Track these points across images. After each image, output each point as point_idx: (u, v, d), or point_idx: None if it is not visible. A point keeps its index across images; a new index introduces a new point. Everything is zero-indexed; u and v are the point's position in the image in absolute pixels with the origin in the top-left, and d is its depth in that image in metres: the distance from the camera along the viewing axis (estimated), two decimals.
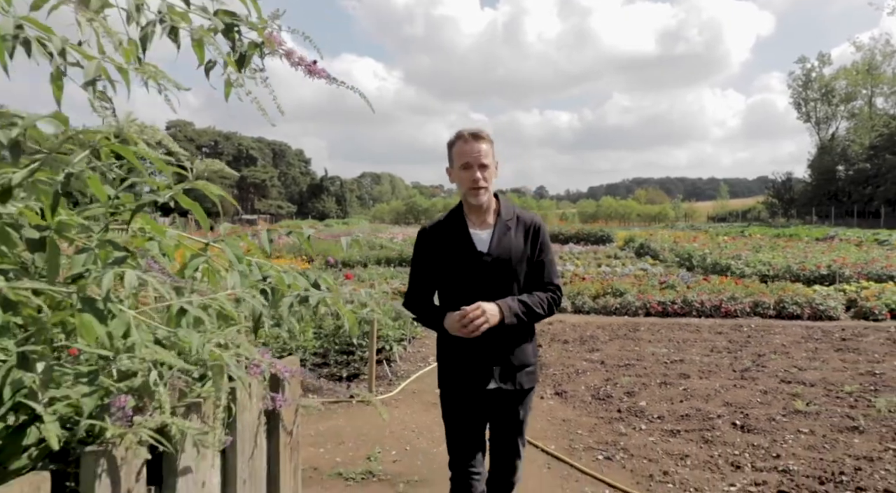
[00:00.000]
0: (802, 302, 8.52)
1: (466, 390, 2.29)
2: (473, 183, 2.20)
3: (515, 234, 2.28)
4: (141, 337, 0.94)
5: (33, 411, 0.91)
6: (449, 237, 2.29)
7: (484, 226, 2.29)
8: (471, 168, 2.20)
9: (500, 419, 2.33)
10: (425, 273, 2.36)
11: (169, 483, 1.00)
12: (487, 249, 2.24)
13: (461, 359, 2.26)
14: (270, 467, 1.32)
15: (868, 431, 4.14)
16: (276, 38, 1.44)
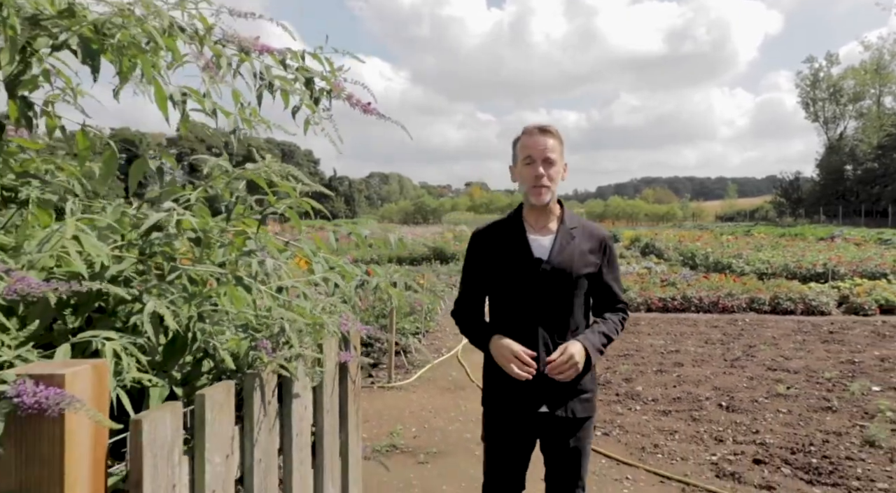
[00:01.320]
0: (796, 298, 8.96)
1: (513, 413, 2.04)
2: (536, 180, 1.99)
3: (579, 243, 2.06)
4: (272, 303, 1.44)
5: (206, 350, 1.41)
6: (504, 242, 2.07)
7: (545, 232, 2.07)
8: (534, 163, 1.99)
9: (554, 452, 2.09)
10: (477, 280, 2.14)
11: (286, 402, 1.49)
12: (547, 256, 2.01)
13: (510, 377, 1.96)
14: (342, 404, 1.81)
15: (840, 410, 4.60)
16: (340, 86, 1.94)
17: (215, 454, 1.20)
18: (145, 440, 1.01)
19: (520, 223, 2.09)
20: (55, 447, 0.90)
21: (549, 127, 2.03)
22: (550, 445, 2.09)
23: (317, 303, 1.50)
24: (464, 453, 4.11)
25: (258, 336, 1.41)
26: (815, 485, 3.44)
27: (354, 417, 1.88)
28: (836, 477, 3.50)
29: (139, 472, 1.01)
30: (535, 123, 2.08)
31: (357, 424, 1.91)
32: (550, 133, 2.02)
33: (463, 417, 4.84)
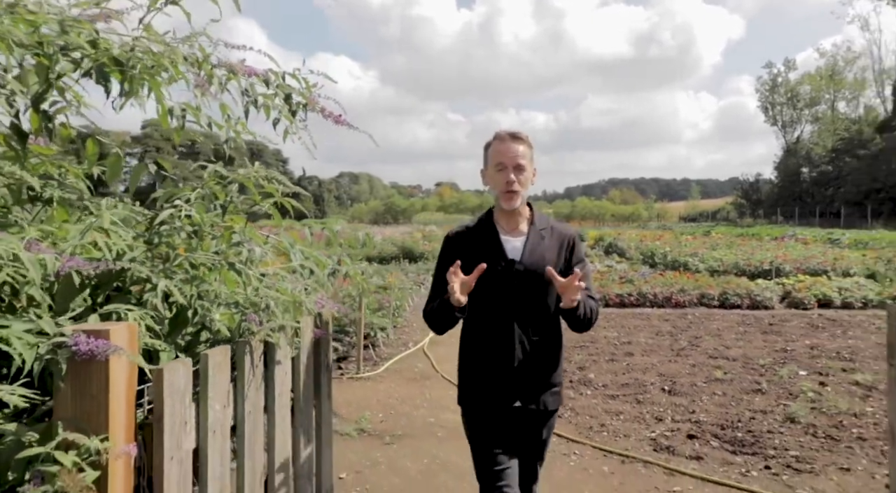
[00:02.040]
0: (743, 294, 9.53)
1: (489, 409, 2.09)
2: (507, 185, 2.06)
3: (549, 243, 2.14)
4: (259, 284, 1.74)
5: (203, 323, 1.70)
6: (478, 244, 2.12)
7: (516, 233, 2.14)
8: (505, 169, 2.07)
9: (522, 442, 2.15)
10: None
11: (270, 367, 1.79)
12: (520, 257, 2.08)
13: (485, 374, 2.08)
14: (316, 375, 2.12)
15: (768, 392, 5.07)
16: (315, 100, 2.24)
17: (216, 403, 1.50)
18: (166, 385, 1.31)
19: (492, 226, 2.15)
20: (102, 385, 1.20)
21: (519, 134, 2.11)
22: (521, 438, 2.14)
23: (297, 284, 1.80)
24: (428, 435, 4.43)
25: (248, 312, 1.71)
26: (737, 454, 3.87)
27: (327, 387, 2.19)
28: (757, 448, 3.93)
29: (161, 409, 1.31)
30: (507, 129, 2.14)
31: (329, 393, 2.22)
32: (521, 140, 2.10)
33: (428, 404, 5.16)
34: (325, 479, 2.17)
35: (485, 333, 2.10)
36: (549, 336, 2.14)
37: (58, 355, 1.17)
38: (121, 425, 1.23)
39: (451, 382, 5.73)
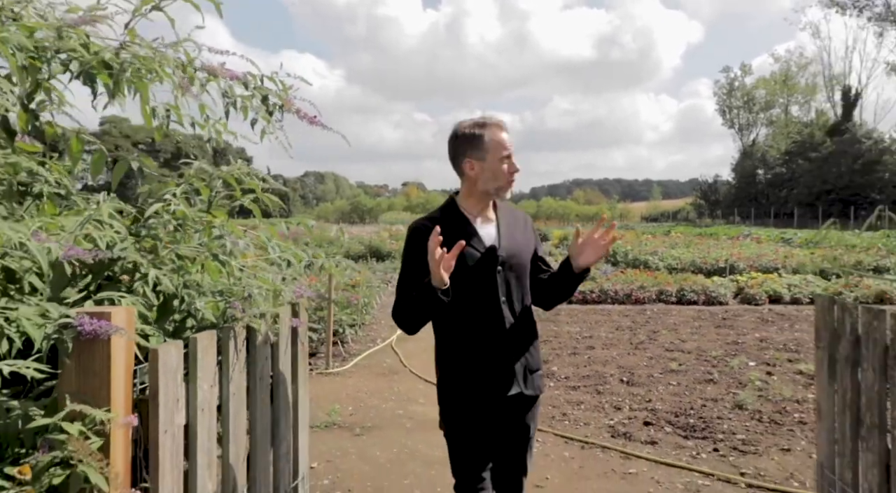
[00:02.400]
0: (699, 290, 9.93)
1: (482, 400, 2.03)
2: (512, 175, 2.07)
3: (516, 226, 2.17)
4: (242, 275, 1.86)
5: (189, 311, 1.81)
6: (451, 234, 1.97)
7: (486, 221, 2.12)
8: (510, 158, 2.05)
9: (511, 431, 2.11)
10: (422, 274, 1.94)
11: (252, 352, 1.91)
12: (499, 243, 2.07)
13: (478, 364, 2.01)
14: (293, 362, 2.24)
15: (719, 382, 5.36)
16: (291, 102, 2.36)
17: (204, 383, 1.61)
18: (161, 364, 1.43)
19: (461, 215, 2.09)
20: (104, 362, 1.31)
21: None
22: (510, 426, 2.10)
23: (276, 276, 1.93)
24: (396, 427, 4.57)
25: (231, 300, 1.83)
26: (689, 439, 4.12)
27: (303, 373, 2.32)
28: (707, 432, 4.19)
29: (156, 386, 1.42)
30: (490, 118, 2.08)
31: (305, 379, 2.35)
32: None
33: (396, 397, 5.30)
34: (301, 460, 2.30)
35: (472, 322, 2.02)
36: (529, 320, 2.15)
37: (63, 335, 1.28)
38: (121, 398, 1.34)
39: (420, 376, 5.88)
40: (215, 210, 2.03)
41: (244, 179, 1.85)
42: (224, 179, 1.85)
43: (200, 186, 1.85)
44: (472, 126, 2.06)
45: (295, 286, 1.95)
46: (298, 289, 1.94)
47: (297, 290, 1.94)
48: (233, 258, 1.88)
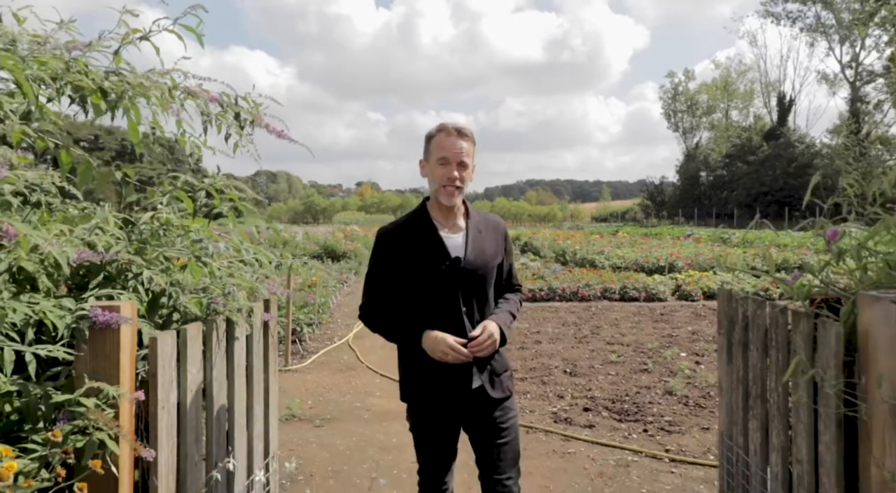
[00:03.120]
0: (640, 288, 10.51)
1: (444, 395, 2.07)
2: (449, 181, 2.03)
3: (486, 237, 2.15)
4: (220, 274, 2.12)
5: (175, 305, 2.05)
6: (417, 242, 2.06)
7: (455, 229, 2.12)
8: (448, 164, 2.03)
9: (487, 432, 2.13)
10: (387, 282, 2.10)
11: (230, 342, 2.16)
12: (464, 254, 2.06)
13: (439, 370, 2.04)
14: (265, 352, 2.50)
15: (653, 371, 5.83)
16: (260, 118, 2.61)
17: (192, 367, 1.87)
18: (160, 350, 1.68)
19: (429, 223, 2.10)
20: (114, 347, 1.56)
21: (465, 130, 2.07)
22: (483, 426, 2.12)
23: (252, 275, 2.19)
24: (354, 418, 4.83)
25: (213, 296, 2.08)
26: (622, 422, 4.53)
27: (273, 363, 2.58)
28: (639, 416, 4.62)
29: (155, 369, 1.68)
30: (453, 123, 2.08)
31: (275, 370, 2.61)
32: (467, 136, 2.06)
33: (353, 391, 5.55)
34: (272, 440, 2.55)
35: (437, 328, 2.02)
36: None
37: (80, 324, 1.52)
38: (128, 378, 1.59)
39: (376, 372, 6.14)
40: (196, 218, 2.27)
41: (224, 189, 2.11)
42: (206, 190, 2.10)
43: (184, 198, 2.10)
44: (431, 130, 2.12)
45: (268, 284, 2.21)
46: (272, 286, 2.21)
47: (270, 286, 2.21)
48: (213, 260, 2.14)
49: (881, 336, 1.58)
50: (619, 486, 3.51)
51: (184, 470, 1.81)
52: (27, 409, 1.52)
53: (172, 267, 2.09)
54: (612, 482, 3.56)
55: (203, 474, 1.93)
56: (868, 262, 1.89)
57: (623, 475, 3.66)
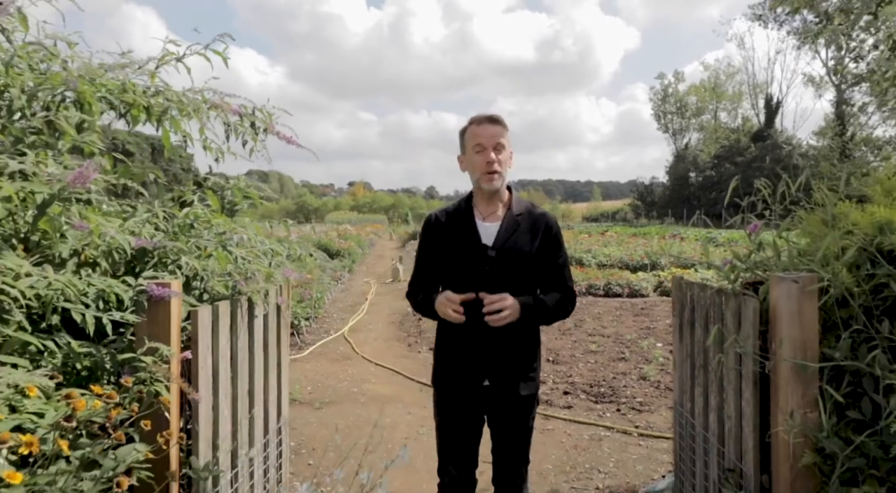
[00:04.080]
0: (624, 284, 10.95)
1: (459, 387, 2.16)
2: (488, 165, 2.05)
3: (525, 229, 2.13)
4: (243, 261, 2.49)
5: (204, 287, 2.42)
6: (454, 227, 2.15)
7: (492, 218, 2.15)
8: (484, 150, 2.06)
9: (498, 428, 2.20)
10: (429, 263, 2.23)
11: (251, 319, 2.54)
12: (493, 242, 2.10)
13: (456, 351, 2.13)
14: (278, 331, 2.87)
15: (630, 359, 6.25)
16: (272, 127, 2.98)
17: (222, 337, 2.25)
18: (200, 320, 2.06)
19: (470, 210, 2.16)
20: (166, 316, 1.93)
21: (495, 116, 2.11)
22: (497, 421, 2.19)
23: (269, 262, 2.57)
24: (352, 402, 5.21)
25: (237, 279, 2.46)
26: (598, 403, 4.94)
27: (285, 340, 2.96)
28: (613, 398, 5.03)
29: (196, 335, 2.05)
30: (483, 112, 2.15)
31: (286, 346, 2.99)
32: (498, 122, 2.10)
33: (350, 378, 5.93)
34: (283, 407, 2.93)
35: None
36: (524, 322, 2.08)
37: (140, 297, 1.90)
38: (176, 341, 1.97)
39: (371, 361, 6.52)
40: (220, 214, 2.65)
41: (245, 190, 2.49)
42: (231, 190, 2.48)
43: (212, 196, 2.47)
44: (463, 126, 2.19)
45: (283, 270, 2.59)
46: (286, 271, 2.59)
47: (285, 272, 2.59)
48: (237, 249, 2.52)
49: (784, 309, 1.99)
50: (591, 456, 3.91)
51: (217, 420, 2.19)
52: (95, 366, 1.89)
53: (201, 254, 2.47)
54: (586, 453, 3.96)
55: (230, 424, 2.31)
56: (781, 250, 2.29)
57: (596, 447, 4.06)
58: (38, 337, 1.67)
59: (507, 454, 2.22)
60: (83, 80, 1.84)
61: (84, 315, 1.72)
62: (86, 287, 1.75)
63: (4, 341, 1.62)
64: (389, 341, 7.55)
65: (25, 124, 1.77)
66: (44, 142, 1.88)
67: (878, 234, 2.01)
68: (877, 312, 1.95)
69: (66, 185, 1.59)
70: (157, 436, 1.72)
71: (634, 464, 3.78)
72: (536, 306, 2.10)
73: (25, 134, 1.79)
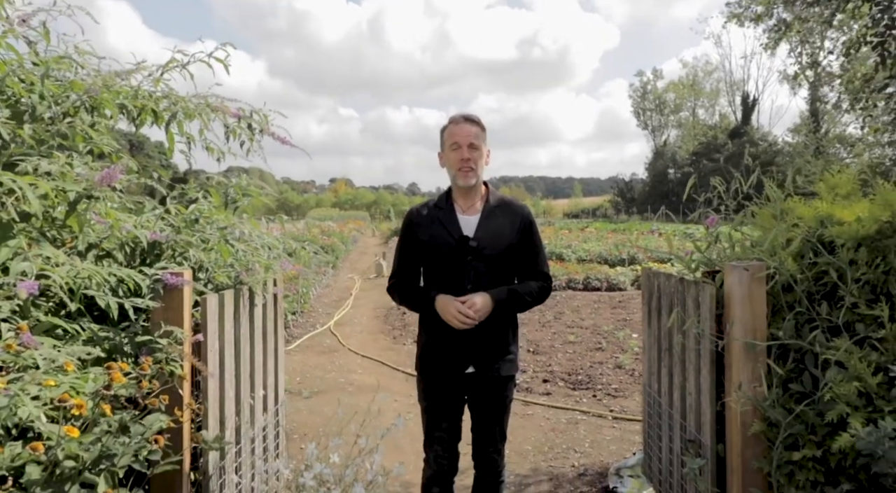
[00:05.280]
0: (602, 278, 11.27)
1: (444, 374, 2.28)
2: (462, 163, 2.19)
3: (502, 220, 2.27)
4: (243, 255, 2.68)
5: (208, 278, 2.61)
6: (437, 220, 2.28)
7: (471, 211, 2.28)
8: (460, 148, 2.19)
9: (480, 407, 2.34)
10: (410, 256, 2.36)
11: (252, 308, 2.73)
12: (474, 233, 2.23)
13: (441, 342, 2.25)
14: (275, 319, 3.06)
15: (606, 349, 6.53)
16: (268, 128, 3.16)
17: (227, 323, 2.43)
18: (208, 307, 2.24)
19: (450, 204, 2.31)
20: (180, 302, 2.12)
21: (472, 116, 2.27)
22: (477, 401, 2.34)
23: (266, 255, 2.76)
24: (339, 391, 5.40)
25: (239, 270, 2.65)
26: (576, 390, 5.19)
27: (281, 329, 3.15)
28: (590, 385, 5.29)
29: (205, 321, 2.24)
30: (461, 112, 2.30)
31: (282, 333, 3.18)
32: (474, 122, 2.25)
33: (337, 369, 6.12)
34: (280, 390, 3.13)
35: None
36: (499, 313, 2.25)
37: (156, 285, 2.08)
38: (188, 325, 2.15)
39: (357, 353, 6.71)
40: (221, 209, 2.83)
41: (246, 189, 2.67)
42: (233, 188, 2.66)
43: (215, 194, 2.65)
44: (444, 123, 2.33)
45: (281, 262, 2.78)
46: (284, 264, 2.78)
47: (283, 264, 2.78)
48: (238, 243, 2.70)
49: (736, 294, 2.23)
50: (568, 438, 4.16)
51: (222, 399, 2.38)
52: (114, 348, 2.07)
53: (206, 247, 2.65)
54: (563, 435, 4.20)
55: (234, 404, 2.50)
56: (735, 242, 2.54)
57: (572, 429, 4.31)
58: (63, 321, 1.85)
59: (487, 430, 2.38)
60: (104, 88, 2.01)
61: (108, 301, 1.89)
62: (108, 276, 1.93)
63: (35, 325, 1.79)
64: (374, 335, 7.75)
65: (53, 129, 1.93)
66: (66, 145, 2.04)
67: (819, 226, 2.25)
68: (818, 296, 2.20)
69: (92, 184, 1.77)
70: (174, 410, 1.91)
71: (608, 444, 4.03)
72: (510, 298, 2.25)
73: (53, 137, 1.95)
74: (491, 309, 2.20)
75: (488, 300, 2.19)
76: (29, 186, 1.66)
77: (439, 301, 2.21)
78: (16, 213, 1.68)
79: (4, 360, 1.44)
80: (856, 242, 2.09)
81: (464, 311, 2.14)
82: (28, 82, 2.07)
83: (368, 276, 14.35)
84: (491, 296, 2.20)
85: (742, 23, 14.27)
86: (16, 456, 1.30)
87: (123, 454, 1.44)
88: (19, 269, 1.57)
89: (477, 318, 2.16)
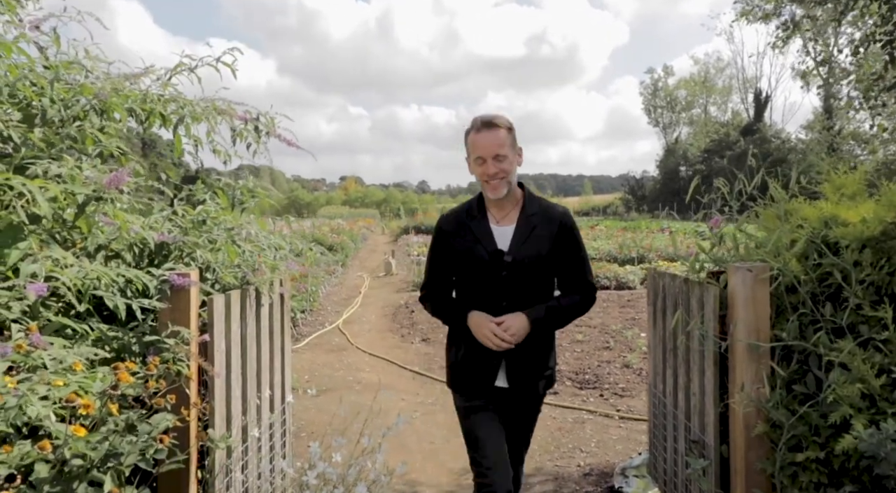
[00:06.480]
0: (612, 277, 11.24)
1: (476, 388, 2.16)
2: (489, 177, 2.04)
3: (540, 230, 2.11)
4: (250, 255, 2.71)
5: (216, 278, 2.64)
6: (469, 232, 2.11)
7: (506, 221, 2.12)
8: (485, 163, 2.03)
9: (510, 420, 2.23)
10: (442, 267, 2.22)
11: (259, 308, 2.76)
12: (508, 247, 2.08)
13: (470, 354, 2.13)
14: (281, 319, 3.10)
15: (614, 348, 6.52)
16: (275, 131, 3.19)
17: (234, 323, 2.46)
18: (215, 307, 2.27)
19: (483, 212, 2.14)
20: (187, 303, 2.15)
21: (495, 120, 2.06)
22: (508, 414, 2.23)
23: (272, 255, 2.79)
24: (348, 389, 5.44)
25: (246, 271, 2.68)
26: (583, 389, 5.20)
27: (287, 328, 3.18)
28: (597, 384, 5.29)
29: (212, 321, 2.27)
30: (483, 115, 2.09)
31: (288, 332, 3.21)
32: (497, 126, 2.05)
33: (346, 368, 6.16)
34: (287, 389, 3.16)
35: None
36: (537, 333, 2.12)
37: (163, 286, 2.12)
38: (195, 326, 2.18)
39: (365, 351, 6.75)
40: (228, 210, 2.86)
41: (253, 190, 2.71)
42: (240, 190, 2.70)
43: (222, 195, 2.69)
44: (467, 127, 2.15)
45: (287, 263, 2.81)
46: (290, 264, 2.81)
47: (289, 264, 2.81)
48: (244, 243, 2.73)
49: (740, 295, 2.23)
50: (574, 437, 4.17)
51: (229, 398, 2.41)
52: (122, 348, 2.11)
53: (213, 248, 2.68)
54: (570, 434, 4.21)
55: (241, 403, 2.53)
56: (739, 242, 2.54)
57: (579, 429, 4.32)
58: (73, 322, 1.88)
59: (514, 441, 2.32)
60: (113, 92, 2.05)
61: (116, 302, 1.93)
62: (116, 277, 1.97)
63: (45, 325, 1.83)
64: (383, 333, 7.78)
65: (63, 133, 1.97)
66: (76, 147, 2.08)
67: (824, 227, 2.25)
68: (822, 297, 2.19)
69: (101, 186, 1.80)
70: (180, 409, 1.94)
71: (614, 444, 4.04)
72: (548, 317, 2.12)
73: (62, 140, 1.99)
74: (528, 332, 2.07)
75: (525, 322, 2.06)
76: (39, 189, 1.70)
77: (472, 319, 2.10)
78: (26, 215, 1.72)
79: (14, 360, 1.48)
80: (860, 244, 2.08)
81: (499, 334, 2.03)
82: (39, 86, 2.11)
83: (378, 274, 14.41)
84: (528, 316, 2.08)
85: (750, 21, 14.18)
86: (25, 455, 1.33)
87: (130, 453, 1.47)
88: (29, 270, 1.60)
89: (513, 342, 2.05)
